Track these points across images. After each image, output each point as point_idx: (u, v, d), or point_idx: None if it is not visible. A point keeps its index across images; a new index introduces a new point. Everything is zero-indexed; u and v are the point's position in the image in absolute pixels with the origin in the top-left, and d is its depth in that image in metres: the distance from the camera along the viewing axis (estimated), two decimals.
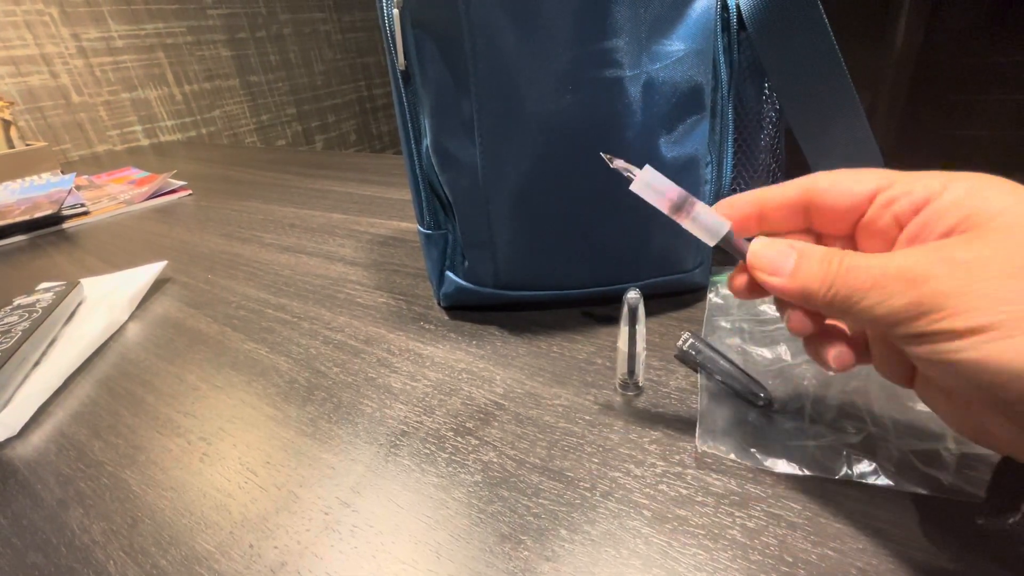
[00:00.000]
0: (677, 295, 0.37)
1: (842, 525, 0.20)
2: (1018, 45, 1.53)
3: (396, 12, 0.30)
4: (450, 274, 0.37)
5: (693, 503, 0.22)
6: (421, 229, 0.37)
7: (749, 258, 0.20)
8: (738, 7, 0.32)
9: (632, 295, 0.25)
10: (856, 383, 0.26)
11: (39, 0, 1.19)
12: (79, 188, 0.86)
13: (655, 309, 0.36)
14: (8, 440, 0.31)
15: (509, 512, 0.23)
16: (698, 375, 0.29)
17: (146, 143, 1.44)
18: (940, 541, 0.19)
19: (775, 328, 0.31)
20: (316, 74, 1.96)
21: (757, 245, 0.20)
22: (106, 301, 0.44)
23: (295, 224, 0.63)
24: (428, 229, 0.37)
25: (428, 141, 0.33)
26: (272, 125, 1.83)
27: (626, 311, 0.26)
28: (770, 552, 0.20)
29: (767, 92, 0.36)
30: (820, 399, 0.26)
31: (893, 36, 1.71)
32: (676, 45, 0.28)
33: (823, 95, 0.32)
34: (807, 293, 0.18)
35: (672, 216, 0.20)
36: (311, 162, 0.97)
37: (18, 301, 0.43)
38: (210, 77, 1.59)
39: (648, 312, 0.36)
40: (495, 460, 0.25)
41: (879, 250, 0.18)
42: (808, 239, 0.21)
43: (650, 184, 0.20)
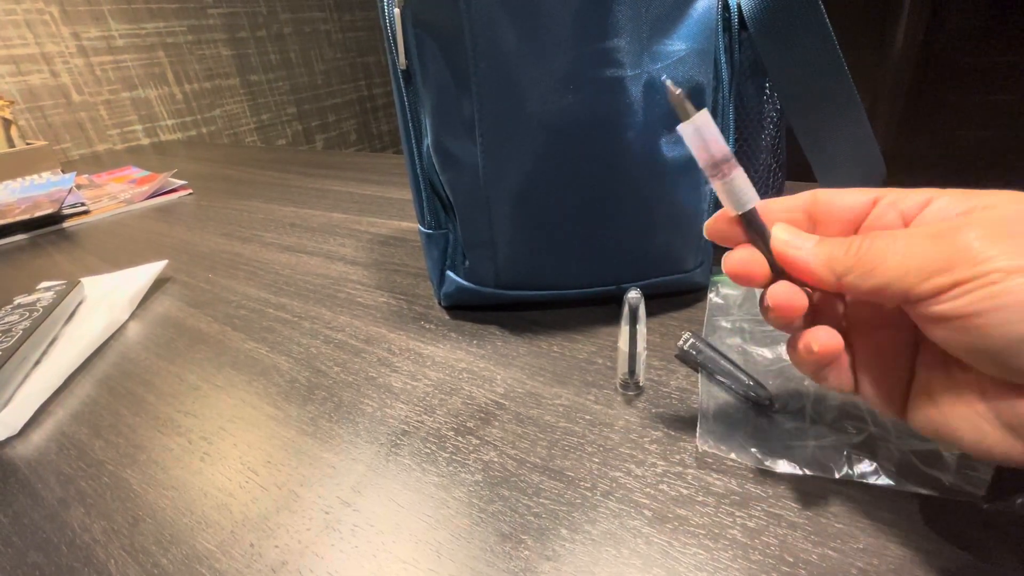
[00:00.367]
0: (678, 295, 0.37)
1: (843, 525, 0.20)
2: (1018, 45, 1.53)
3: (397, 11, 0.30)
4: (451, 274, 0.37)
5: (694, 503, 0.22)
6: (422, 229, 0.37)
7: (775, 232, 0.20)
8: (739, 7, 0.32)
9: (633, 295, 0.25)
10: None
11: None
12: (79, 187, 0.86)
13: (656, 309, 0.36)
14: (9, 439, 0.31)
15: (510, 511, 0.23)
16: (699, 375, 0.29)
17: (146, 142, 1.44)
18: (941, 541, 0.19)
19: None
20: (316, 73, 1.96)
21: (780, 228, 0.20)
22: (106, 300, 0.44)
23: (295, 223, 0.63)
24: (429, 229, 0.37)
25: (429, 140, 0.33)
26: (272, 124, 1.83)
27: (627, 311, 0.26)
28: (771, 552, 0.20)
29: (768, 92, 0.36)
30: (821, 399, 0.26)
31: (893, 36, 1.71)
32: (677, 45, 0.28)
33: (824, 94, 0.32)
34: (831, 259, 0.18)
35: (706, 172, 0.19)
36: (311, 161, 0.97)
37: (18, 300, 0.43)
38: (210, 76, 1.59)
39: (649, 312, 0.36)
40: (496, 460, 0.25)
41: None
42: None
43: (699, 131, 0.19)
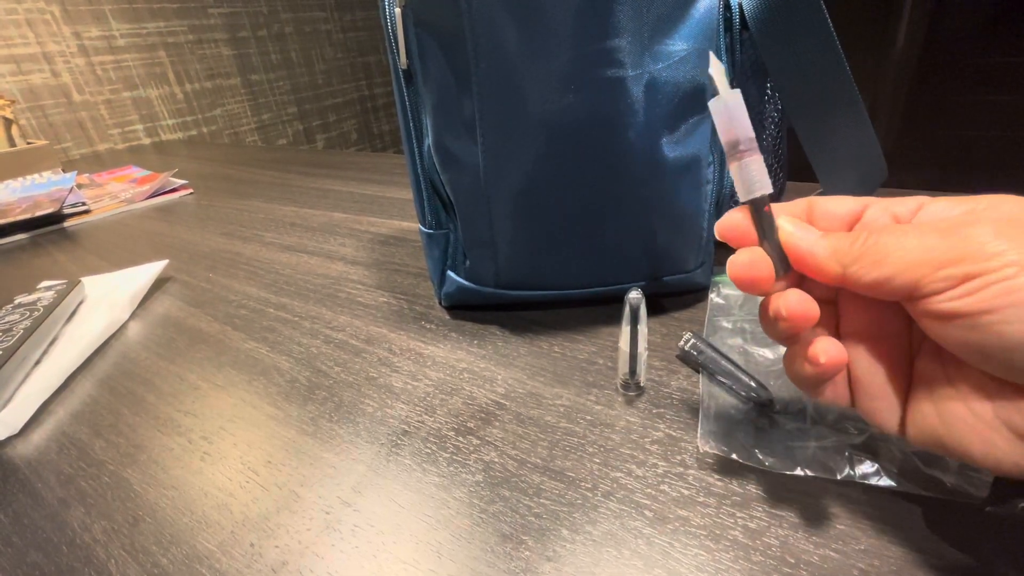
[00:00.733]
0: (679, 295, 0.37)
1: (844, 526, 0.20)
2: (1018, 46, 1.53)
3: (398, 11, 0.30)
4: (451, 274, 0.37)
5: (695, 503, 0.22)
6: (422, 228, 0.37)
7: (781, 223, 0.20)
8: (740, 7, 0.31)
9: (634, 295, 0.25)
10: None
11: None
12: (80, 187, 0.86)
13: (657, 309, 0.36)
14: (9, 439, 0.31)
15: (510, 512, 0.23)
16: (699, 375, 0.29)
17: (147, 142, 1.45)
18: (942, 542, 0.19)
19: None
20: (317, 73, 1.96)
21: (786, 219, 0.20)
22: (107, 300, 0.44)
23: (296, 223, 0.63)
24: (429, 228, 0.37)
25: (430, 140, 0.33)
26: (273, 124, 1.83)
27: (628, 311, 0.25)
28: (772, 553, 0.20)
29: (769, 92, 0.36)
30: None
31: (894, 36, 1.71)
32: (679, 45, 0.28)
33: (825, 95, 0.32)
34: (838, 250, 0.18)
35: (726, 150, 0.20)
36: (312, 161, 0.97)
37: (19, 299, 0.43)
38: (211, 76, 1.59)
39: (650, 312, 0.36)
40: (496, 460, 0.25)
41: None
42: None
43: (728, 109, 0.19)
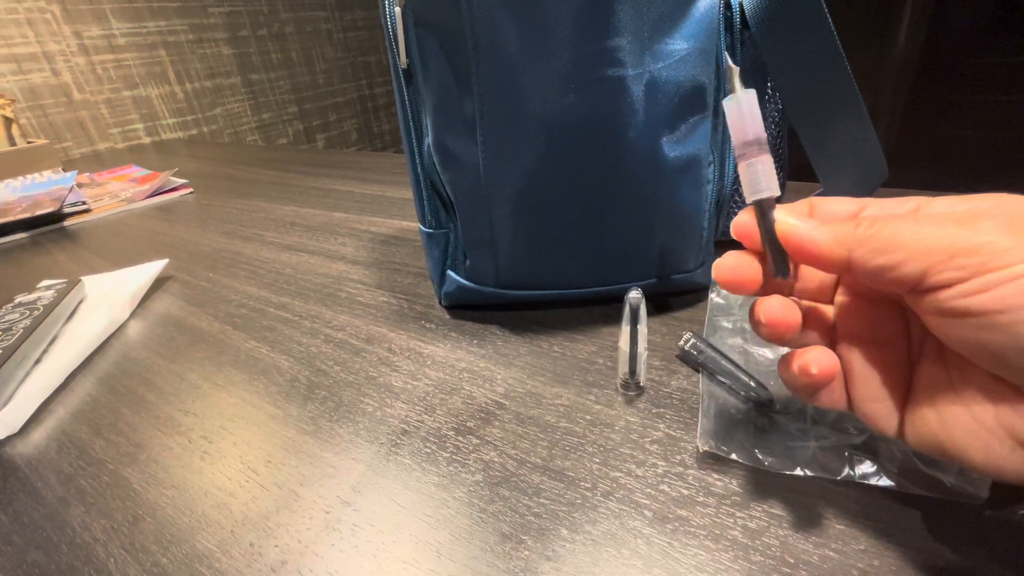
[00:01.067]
0: (679, 295, 0.37)
1: (844, 526, 0.20)
2: (1018, 46, 1.53)
3: (398, 11, 0.30)
4: (451, 273, 0.37)
5: (694, 503, 0.22)
6: (422, 228, 0.37)
7: (778, 215, 0.19)
8: (741, 6, 0.31)
9: (634, 295, 0.25)
10: None
11: None
12: (80, 186, 0.86)
13: (657, 309, 0.36)
14: (9, 438, 0.31)
15: (510, 512, 0.23)
16: (699, 375, 0.29)
17: (147, 141, 1.45)
18: (941, 542, 0.19)
19: None
20: (317, 72, 1.96)
21: (783, 211, 0.20)
22: (107, 299, 0.44)
23: (296, 223, 0.63)
24: (429, 228, 0.37)
25: (430, 140, 0.33)
26: (273, 123, 1.83)
27: (628, 311, 0.25)
28: (771, 553, 0.20)
29: (770, 92, 0.36)
30: None
31: (895, 37, 1.71)
32: (679, 44, 0.28)
33: (826, 95, 0.32)
34: (842, 233, 0.17)
35: (736, 148, 0.20)
36: (312, 161, 0.97)
37: (19, 299, 0.43)
38: (211, 75, 1.59)
39: (649, 312, 0.36)
40: (496, 459, 0.25)
41: None
42: None
43: (741, 108, 0.20)
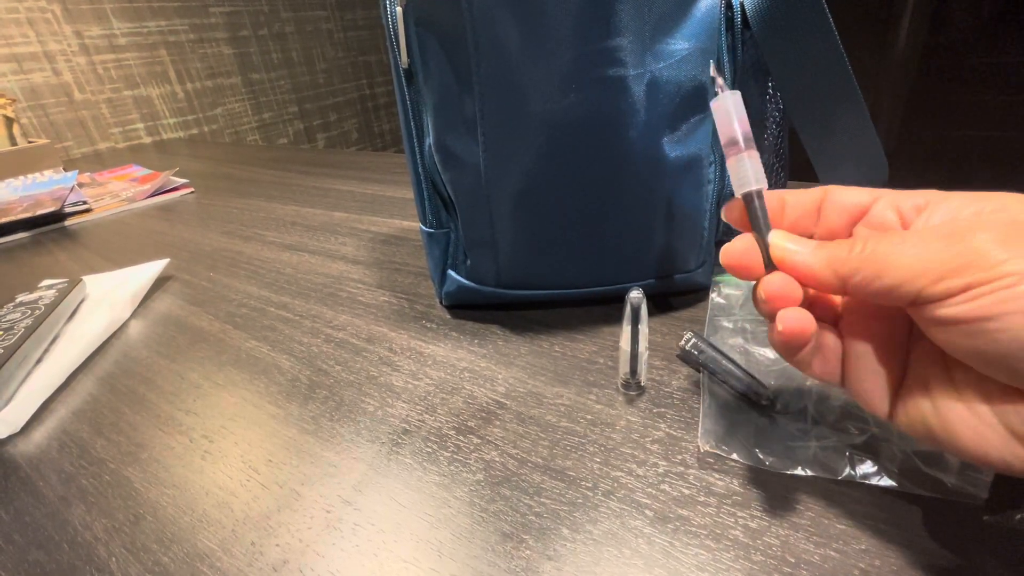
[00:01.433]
0: (679, 295, 0.37)
1: (845, 526, 0.20)
2: (1018, 46, 1.53)
3: (399, 10, 0.30)
4: (452, 273, 0.37)
5: (695, 503, 0.22)
6: (423, 228, 0.37)
7: (772, 239, 0.19)
8: (742, 6, 0.31)
9: (635, 295, 0.25)
10: None
11: None
12: (81, 185, 0.86)
13: (657, 309, 0.36)
14: (10, 437, 0.31)
15: (511, 511, 0.23)
16: (700, 375, 0.29)
17: (148, 141, 1.45)
18: (942, 542, 0.19)
19: None
20: (318, 72, 1.96)
21: (777, 234, 0.19)
22: (108, 299, 0.44)
23: (297, 222, 0.63)
24: (430, 228, 0.37)
25: (431, 139, 0.33)
26: (274, 123, 1.83)
27: (628, 311, 0.25)
28: (772, 552, 0.20)
29: (770, 91, 0.36)
30: (823, 399, 0.26)
31: (895, 37, 1.71)
32: (680, 44, 0.28)
33: (827, 94, 0.32)
34: (834, 259, 0.17)
35: (724, 148, 0.21)
36: (313, 160, 0.97)
37: (20, 298, 0.43)
38: (212, 75, 1.59)
39: (650, 312, 0.36)
40: (497, 459, 0.25)
41: None
42: None
43: (728, 109, 0.21)
